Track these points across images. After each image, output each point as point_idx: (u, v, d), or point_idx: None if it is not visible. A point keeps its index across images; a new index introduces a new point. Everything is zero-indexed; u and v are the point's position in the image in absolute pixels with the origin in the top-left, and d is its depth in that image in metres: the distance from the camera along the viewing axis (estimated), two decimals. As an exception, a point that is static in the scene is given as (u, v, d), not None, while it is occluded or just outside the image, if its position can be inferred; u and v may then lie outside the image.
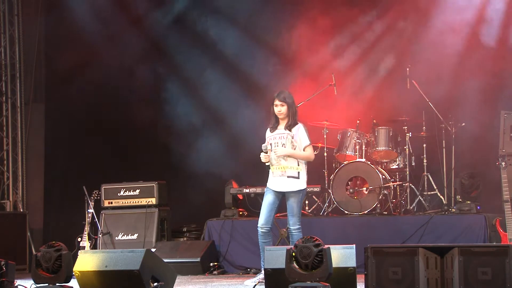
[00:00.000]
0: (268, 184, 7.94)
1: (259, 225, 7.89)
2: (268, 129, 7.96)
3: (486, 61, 10.20)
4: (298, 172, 7.81)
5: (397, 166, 10.34)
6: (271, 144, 7.88)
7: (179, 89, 11.88)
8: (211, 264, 9.83)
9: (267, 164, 7.86)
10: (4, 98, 11.84)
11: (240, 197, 10.53)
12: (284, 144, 7.82)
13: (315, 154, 10.56)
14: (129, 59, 12.00)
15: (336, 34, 11.14)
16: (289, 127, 7.86)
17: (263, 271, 7.75)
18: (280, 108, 7.85)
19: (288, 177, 7.80)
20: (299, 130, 7.86)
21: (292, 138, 7.82)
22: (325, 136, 10.56)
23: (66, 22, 11.76)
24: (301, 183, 7.82)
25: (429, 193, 10.17)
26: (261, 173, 8.64)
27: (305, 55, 11.31)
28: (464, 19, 10.30)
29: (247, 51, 11.15)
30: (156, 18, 11.92)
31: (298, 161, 7.82)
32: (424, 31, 10.60)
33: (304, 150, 7.86)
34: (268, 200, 7.87)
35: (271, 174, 7.91)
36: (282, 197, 7.90)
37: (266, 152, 7.82)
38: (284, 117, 7.87)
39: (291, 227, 7.83)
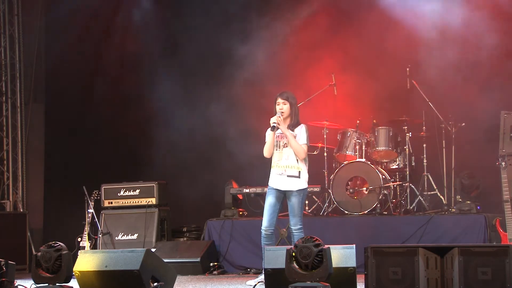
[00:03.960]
0: (269, 183, 7.88)
1: (263, 227, 7.81)
2: (269, 129, 7.91)
3: (486, 61, 10.21)
4: (299, 172, 7.78)
5: (397, 166, 10.35)
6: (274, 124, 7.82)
7: (179, 89, 11.89)
8: (211, 264, 9.83)
9: (273, 124, 7.76)
10: (4, 98, 11.84)
11: (240, 197, 10.54)
12: (286, 143, 7.81)
13: (315, 154, 10.70)
14: (129, 59, 12.00)
15: (335, 34, 11.15)
16: (291, 127, 7.83)
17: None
18: (282, 106, 7.82)
19: (288, 176, 7.77)
20: (301, 129, 7.84)
21: (295, 138, 7.81)
22: (325, 136, 10.57)
23: (66, 22, 11.76)
24: (302, 183, 7.79)
25: (429, 193, 10.18)
26: (261, 173, 8.63)
27: (305, 55, 11.32)
28: (463, 19, 10.31)
29: (247, 51, 11.15)
30: (157, 21, 11.96)
31: (297, 160, 7.79)
32: (424, 30, 10.60)
33: None
34: (270, 202, 7.81)
35: (272, 172, 7.86)
36: (283, 198, 7.87)
37: (273, 129, 7.75)
38: (287, 116, 7.83)
39: (292, 227, 7.78)
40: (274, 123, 7.73)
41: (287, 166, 7.79)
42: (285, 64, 11.34)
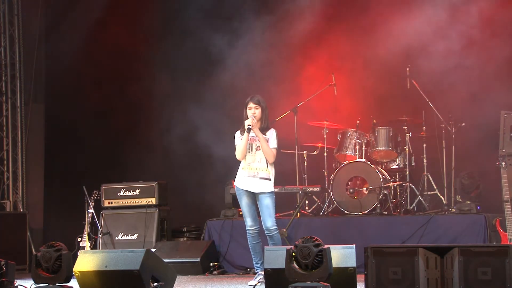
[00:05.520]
0: (238, 184, 7.99)
1: (248, 227, 8.00)
2: (238, 132, 8.03)
3: (486, 61, 10.20)
4: (270, 174, 7.92)
5: (397, 166, 10.35)
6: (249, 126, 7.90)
7: (180, 89, 11.89)
8: (211, 264, 9.83)
9: (247, 127, 7.85)
10: (4, 98, 11.84)
11: (240, 197, 10.52)
12: (258, 146, 7.92)
13: (315, 154, 10.71)
14: (129, 59, 12.00)
15: (335, 34, 11.14)
16: (262, 130, 7.95)
17: (259, 272, 7.83)
18: (254, 111, 7.95)
19: (260, 178, 7.90)
20: (272, 133, 7.97)
21: (267, 142, 7.89)
22: (325, 136, 10.57)
23: (66, 21, 11.76)
24: (272, 185, 7.95)
25: (429, 193, 10.18)
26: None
27: (305, 55, 11.32)
28: (463, 19, 10.31)
29: (244, 52, 11.13)
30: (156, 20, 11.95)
31: (267, 164, 7.91)
32: (424, 30, 10.59)
33: None
34: (246, 202, 7.96)
35: (242, 173, 7.98)
36: (255, 199, 7.97)
37: (248, 131, 7.83)
38: (257, 120, 7.95)
39: (270, 228, 7.89)
40: (249, 125, 7.85)
41: (259, 169, 7.93)
42: (285, 64, 11.33)
